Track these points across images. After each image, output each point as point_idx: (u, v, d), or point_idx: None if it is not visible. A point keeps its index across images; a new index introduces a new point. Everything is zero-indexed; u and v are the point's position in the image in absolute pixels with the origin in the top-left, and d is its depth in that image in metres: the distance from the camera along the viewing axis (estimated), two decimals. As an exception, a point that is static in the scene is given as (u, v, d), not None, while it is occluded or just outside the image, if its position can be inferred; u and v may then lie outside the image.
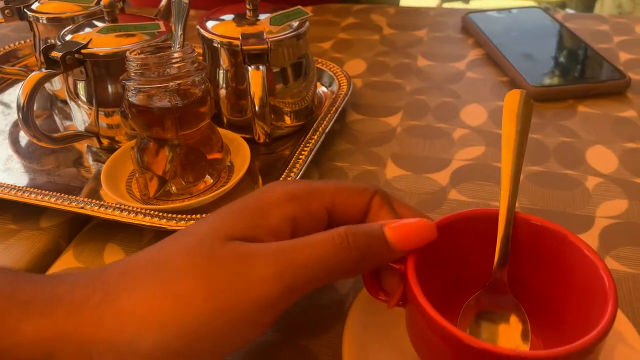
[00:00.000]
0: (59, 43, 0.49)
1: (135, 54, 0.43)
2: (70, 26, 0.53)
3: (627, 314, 0.35)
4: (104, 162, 0.51)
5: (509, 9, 0.78)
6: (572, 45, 0.68)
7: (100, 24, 0.51)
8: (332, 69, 0.62)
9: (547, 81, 0.61)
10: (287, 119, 0.54)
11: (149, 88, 0.43)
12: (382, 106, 0.59)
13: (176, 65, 0.42)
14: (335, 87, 0.60)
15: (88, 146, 0.55)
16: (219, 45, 0.51)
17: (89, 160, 0.54)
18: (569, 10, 2.34)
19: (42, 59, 0.47)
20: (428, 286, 0.27)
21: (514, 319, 0.31)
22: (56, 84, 0.61)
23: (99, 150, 0.54)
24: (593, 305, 0.28)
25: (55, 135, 0.50)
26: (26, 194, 0.46)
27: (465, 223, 0.32)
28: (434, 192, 0.47)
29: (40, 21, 0.57)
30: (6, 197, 0.46)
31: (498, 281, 0.32)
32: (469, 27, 0.74)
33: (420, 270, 0.28)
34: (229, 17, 0.53)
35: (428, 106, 0.59)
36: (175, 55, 0.43)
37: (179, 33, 0.45)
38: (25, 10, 0.58)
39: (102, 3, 0.50)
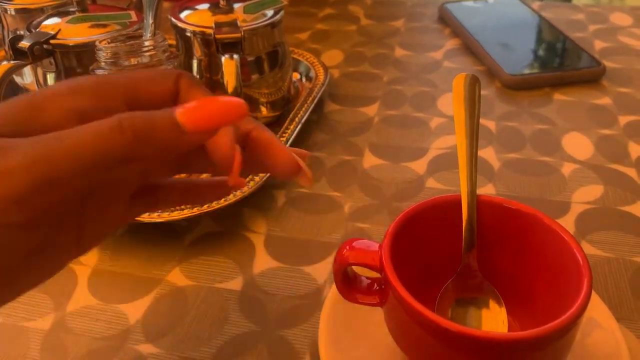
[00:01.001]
0: (27, 33, 0.48)
1: (106, 43, 0.42)
2: (40, 17, 0.51)
3: (603, 298, 0.35)
4: None
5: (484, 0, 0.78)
6: (548, 34, 0.69)
7: (69, 14, 0.50)
8: (308, 59, 0.62)
9: (523, 70, 0.61)
10: (264, 110, 0.54)
11: (120, 78, 0.42)
12: (360, 96, 0.59)
13: (147, 53, 0.42)
14: (312, 78, 0.60)
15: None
16: (192, 35, 0.50)
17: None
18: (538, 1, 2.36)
19: (10, 50, 0.46)
20: (403, 277, 0.27)
21: (489, 302, 0.31)
22: (27, 78, 0.60)
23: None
24: (567, 285, 0.28)
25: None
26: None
27: (433, 211, 0.32)
28: (412, 180, 0.47)
29: (9, 12, 0.55)
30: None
31: (468, 266, 0.32)
32: (445, 17, 0.74)
33: (395, 262, 0.28)
34: (202, 6, 0.52)
35: (405, 96, 0.59)
36: (147, 43, 0.42)
37: (150, 22, 0.44)
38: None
39: None
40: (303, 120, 0.51)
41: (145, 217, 0.41)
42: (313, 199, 0.46)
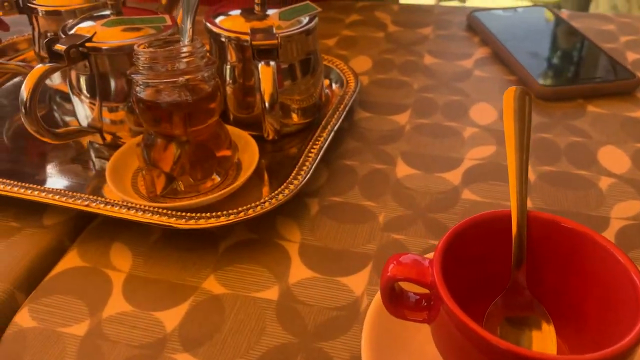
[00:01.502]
0: (62, 36, 0.48)
1: (144, 48, 0.42)
2: (74, 19, 0.51)
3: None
4: (106, 159, 0.50)
5: (514, 8, 0.77)
6: (580, 45, 0.68)
7: (104, 17, 0.50)
8: (338, 66, 0.61)
9: (555, 81, 0.60)
10: (295, 116, 0.53)
11: (157, 83, 0.42)
12: (390, 104, 0.59)
13: (185, 60, 0.41)
14: (340, 84, 0.59)
15: (90, 142, 0.53)
16: (226, 41, 0.49)
17: (91, 156, 0.53)
18: (565, 11, 2.34)
19: (46, 52, 0.46)
20: (452, 293, 0.27)
21: (538, 322, 0.30)
22: (55, 79, 0.60)
23: (101, 146, 0.53)
24: (621, 307, 0.27)
25: (58, 130, 0.48)
26: (29, 191, 0.44)
27: (482, 226, 0.31)
28: (446, 191, 0.47)
29: (40, 14, 0.56)
30: (8, 194, 0.44)
31: (517, 283, 0.31)
32: (474, 26, 0.74)
33: (445, 278, 0.27)
34: (236, 12, 0.52)
35: (436, 104, 0.58)
36: (185, 49, 0.42)
37: (188, 27, 0.44)
38: (24, 2, 0.56)
39: None
40: (335, 128, 0.51)
41: (180, 223, 0.41)
42: (347, 208, 0.45)
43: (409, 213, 0.45)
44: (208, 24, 0.50)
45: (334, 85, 0.60)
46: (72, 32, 0.49)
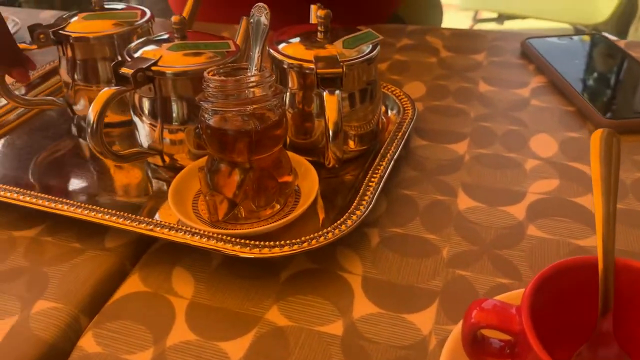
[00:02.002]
0: (128, 59, 0.48)
1: (212, 74, 0.42)
2: (138, 41, 0.52)
3: None
4: (164, 180, 0.50)
5: (569, 36, 0.76)
6: (640, 75, 0.66)
7: (167, 40, 0.51)
8: (394, 92, 0.61)
9: (618, 113, 0.59)
10: (351, 143, 0.53)
11: (226, 111, 0.42)
12: (447, 132, 0.58)
13: (254, 89, 0.41)
14: (395, 111, 0.59)
15: (148, 163, 0.54)
16: (288, 67, 0.49)
17: (149, 177, 0.53)
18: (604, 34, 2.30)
19: (112, 75, 0.46)
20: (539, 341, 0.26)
21: (627, 375, 0.29)
22: (79, 105, 0.59)
23: (159, 167, 0.53)
24: None
25: (121, 152, 0.49)
26: (92, 213, 0.45)
27: (568, 273, 0.30)
28: (511, 226, 0.46)
29: (69, 40, 0.55)
30: (72, 215, 0.45)
31: (603, 332, 0.30)
32: (529, 53, 0.73)
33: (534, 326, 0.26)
34: (298, 38, 0.52)
35: (495, 134, 0.57)
36: (253, 79, 0.42)
37: (256, 55, 0.44)
38: (54, 32, 0.56)
39: (172, 20, 0.50)
40: (395, 156, 0.50)
41: (244, 252, 0.40)
42: (408, 241, 0.44)
43: (473, 248, 0.44)
44: (271, 50, 0.50)
45: (389, 112, 0.59)
46: (137, 55, 0.49)
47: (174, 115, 0.49)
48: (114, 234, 0.46)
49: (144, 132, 0.51)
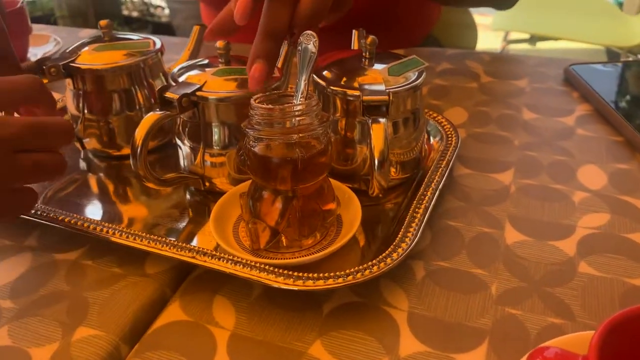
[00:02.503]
0: (172, 84, 0.48)
1: (259, 102, 0.42)
2: (182, 65, 0.52)
3: None
4: (203, 204, 0.50)
5: (614, 63, 0.74)
6: (690, 105, 0.64)
7: (210, 65, 0.51)
8: (436, 118, 0.60)
9: (670, 144, 0.57)
10: (394, 171, 0.52)
11: (271, 139, 0.41)
12: (491, 160, 0.56)
13: (300, 118, 0.41)
14: (438, 138, 0.58)
15: (186, 188, 0.53)
16: (331, 93, 0.49)
17: (187, 201, 0.53)
18: (640, 57, 2.26)
19: (158, 100, 0.46)
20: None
21: None
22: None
23: (197, 191, 0.53)
24: None
25: (164, 177, 0.49)
26: (132, 238, 0.44)
27: (637, 321, 0.28)
28: (561, 263, 0.44)
29: (93, 74, 0.55)
30: (113, 239, 0.44)
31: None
32: (572, 80, 0.71)
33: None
34: (342, 64, 0.51)
35: (541, 164, 0.56)
36: (299, 107, 0.41)
37: (303, 84, 0.43)
38: (65, 65, 0.54)
39: (217, 45, 0.50)
40: (440, 186, 0.49)
41: (287, 283, 0.39)
42: (455, 275, 0.43)
43: (523, 285, 0.42)
44: (314, 76, 0.50)
45: (432, 139, 0.58)
46: (181, 79, 0.49)
47: (216, 139, 0.49)
48: (155, 259, 0.45)
49: (185, 155, 0.51)
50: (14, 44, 0.78)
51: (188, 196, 0.53)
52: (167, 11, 3.04)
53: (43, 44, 0.84)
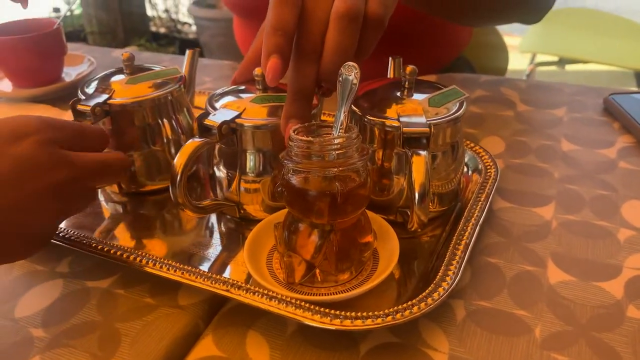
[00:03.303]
0: (211, 110, 0.48)
1: (298, 134, 0.41)
2: (219, 91, 0.52)
3: None
4: (236, 232, 0.50)
5: (656, 92, 0.72)
6: None
7: (246, 91, 0.51)
8: (473, 148, 0.58)
9: None
10: (430, 203, 0.50)
11: (309, 171, 0.40)
12: (531, 193, 0.55)
13: (337, 152, 0.40)
14: (475, 168, 0.56)
15: (217, 216, 0.53)
16: (368, 123, 0.48)
17: (220, 230, 0.52)
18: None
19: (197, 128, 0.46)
20: None
21: None
22: None
23: (232, 219, 0.52)
24: None
25: (201, 204, 0.48)
26: (165, 268, 0.44)
27: None
28: (608, 306, 0.42)
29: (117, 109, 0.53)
30: (146, 269, 0.44)
31: None
32: (612, 110, 0.69)
33: None
34: (379, 93, 0.50)
35: (583, 199, 0.54)
36: (339, 141, 0.40)
37: (342, 117, 0.42)
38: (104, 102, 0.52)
39: (255, 72, 0.49)
40: (481, 221, 0.48)
41: (324, 322, 0.38)
42: (497, 316, 0.41)
43: (569, 329, 0.40)
44: (353, 106, 0.49)
45: (469, 170, 0.57)
46: (218, 106, 0.49)
47: (252, 166, 0.49)
48: (188, 290, 0.44)
49: (220, 182, 0.51)
50: (50, 65, 0.79)
51: (221, 225, 0.52)
52: (194, 28, 3.08)
53: (77, 64, 0.85)
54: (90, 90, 0.53)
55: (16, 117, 0.41)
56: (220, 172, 0.50)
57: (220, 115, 0.46)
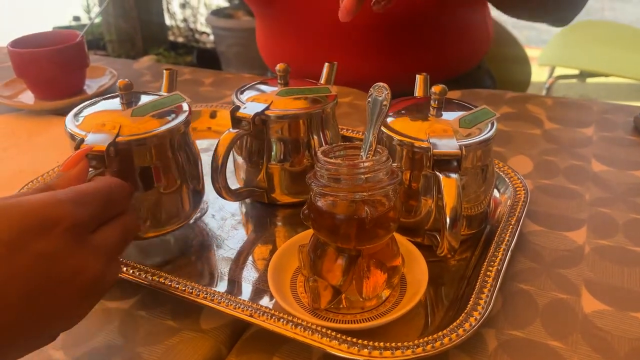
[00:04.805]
0: (241, 103, 0.51)
1: (324, 155, 0.40)
2: (245, 86, 0.56)
3: None
4: (261, 252, 0.50)
5: (689, 111, 0.70)
6: None
7: (270, 85, 0.55)
8: (502, 169, 0.57)
9: None
10: (459, 226, 0.49)
11: (337, 195, 0.39)
12: (562, 217, 0.53)
13: (364, 176, 0.39)
14: (504, 189, 0.55)
15: (243, 229, 0.52)
16: (397, 144, 0.47)
17: (244, 249, 0.51)
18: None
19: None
20: None
21: None
22: None
23: (257, 233, 0.51)
24: None
25: (236, 190, 0.52)
26: (188, 289, 0.43)
27: None
28: (648, 338, 0.40)
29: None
30: (168, 291, 0.43)
31: None
32: (644, 129, 0.67)
33: None
34: (408, 112, 0.49)
35: (616, 223, 0.52)
36: (367, 164, 0.39)
37: (371, 138, 0.41)
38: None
39: (277, 68, 0.53)
40: (512, 246, 0.46)
41: (352, 353, 0.37)
42: (530, 347, 0.40)
43: (606, 363, 0.38)
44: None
45: (498, 191, 0.55)
46: (245, 99, 0.52)
47: (279, 154, 0.53)
48: (210, 313, 0.43)
49: (248, 171, 0.55)
50: (72, 77, 0.79)
51: (245, 243, 0.52)
52: (212, 37, 3.10)
53: (99, 77, 0.85)
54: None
55: (48, 201, 0.32)
56: (249, 162, 0.54)
57: (250, 107, 0.49)
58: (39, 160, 0.65)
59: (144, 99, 0.49)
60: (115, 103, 0.48)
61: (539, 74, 2.54)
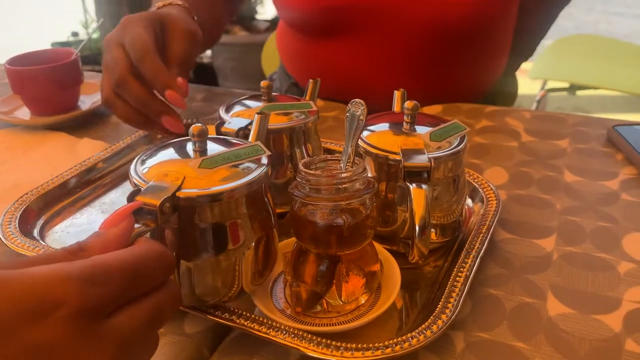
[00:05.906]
0: (226, 119, 0.54)
1: (306, 167, 0.42)
2: (230, 102, 0.58)
3: None
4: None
5: (660, 124, 0.73)
6: None
7: (256, 98, 0.59)
8: (476, 180, 0.59)
9: None
10: (433, 235, 0.52)
11: (317, 204, 0.42)
12: (533, 225, 0.56)
13: (343, 186, 0.41)
14: (478, 199, 0.57)
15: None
16: (372, 157, 0.49)
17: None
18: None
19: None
20: None
21: None
22: None
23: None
24: None
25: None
26: (174, 295, 0.45)
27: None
28: (607, 339, 0.43)
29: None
30: (155, 296, 0.45)
31: None
32: (616, 141, 0.70)
33: None
34: (382, 127, 0.52)
35: (584, 230, 0.55)
36: (344, 175, 0.42)
37: (349, 151, 0.44)
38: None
39: (261, 84, 0.56)
40: (481, 253, 0.49)
41: (325, 353, 0.39)
42: (496, 348, 0.42)
43: (567, 362, 0.41)
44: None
45: (470, 201, 0.58)
46: (229, 114, 0.55)
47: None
48: (194, 318, 0.46)
49: None
50: (68, 94, 0.82)
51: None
52: (209, 52, 3.14)
53: (92, 93, 0.88)
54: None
55: (53, 277, 0.26)
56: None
57: (235, 123, 0.52)
58: (35, 174, 0.67)
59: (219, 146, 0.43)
60: (183, 150, 0.44)
61: (531, 87, 2.58)
